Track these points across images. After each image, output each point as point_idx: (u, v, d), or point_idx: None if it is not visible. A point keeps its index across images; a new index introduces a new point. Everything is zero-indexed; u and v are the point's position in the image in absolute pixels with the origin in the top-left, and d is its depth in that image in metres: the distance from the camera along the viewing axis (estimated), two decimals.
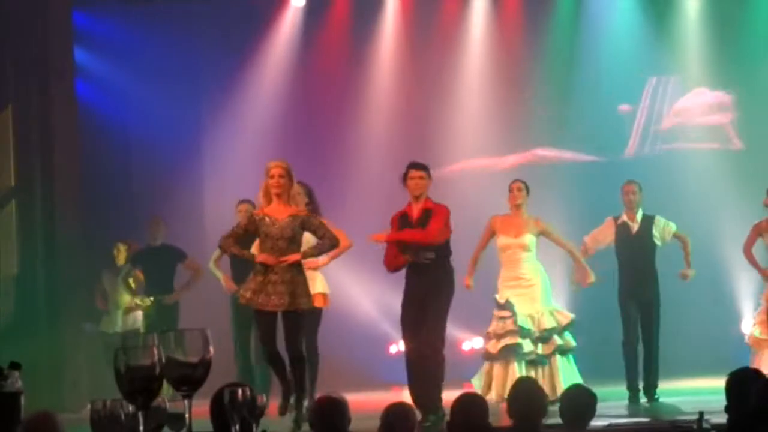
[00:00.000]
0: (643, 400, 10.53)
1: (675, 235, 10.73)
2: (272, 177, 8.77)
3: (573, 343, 10.41)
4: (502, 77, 14.68)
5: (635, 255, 10.62)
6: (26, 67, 12.72)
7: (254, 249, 9.28)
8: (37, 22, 12.77)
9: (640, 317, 10.63)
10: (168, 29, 14.27)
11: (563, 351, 10.31)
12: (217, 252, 11.09)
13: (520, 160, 14.72)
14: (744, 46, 14.03)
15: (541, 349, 10.25)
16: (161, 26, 14.22)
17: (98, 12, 14.21)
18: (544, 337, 10.24)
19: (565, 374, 10.13)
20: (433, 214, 9.10)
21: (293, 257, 8.72)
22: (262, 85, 14.85)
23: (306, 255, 8.89)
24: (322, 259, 9.99)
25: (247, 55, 14.75)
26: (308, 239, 9.03)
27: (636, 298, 10.60)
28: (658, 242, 10.71)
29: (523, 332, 10.21)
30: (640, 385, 10.59)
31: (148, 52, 14.20)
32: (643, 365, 10.61)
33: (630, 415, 9.41)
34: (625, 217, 10.76)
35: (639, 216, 10.73)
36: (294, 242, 8.82)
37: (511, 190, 10.47)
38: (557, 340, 10.27)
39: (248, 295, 8.82)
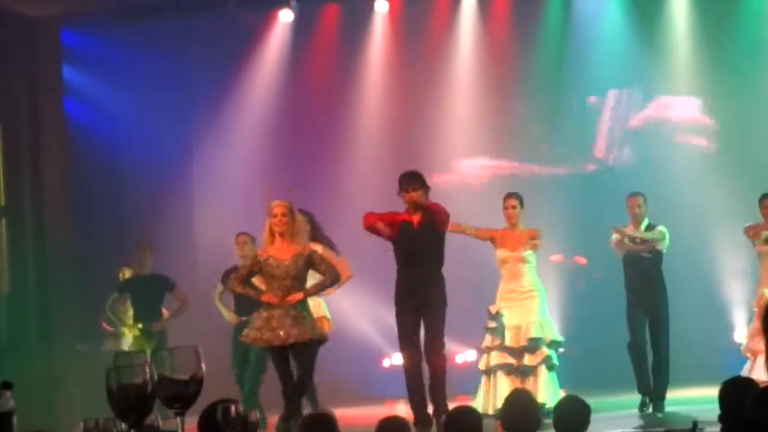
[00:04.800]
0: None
1: (657, 231, 10.75)
2: (275, 216, 8.87)
3: (556, 360, 10.36)
4: (492, 86, 14.67)
5: (640, 262, 10.65)
6: (15, 85, 12.71)
7: (256, 281, 9.31)
8: (26, 40, 12.77)
9: (648, 323, 10.63)
10: (157, 46, 14.24)
11: (549, 365, 10.26)
12: (220, 287, 11.19)
13: (511, 169, 14.72)
14: (731, 53, 14.04)
15: (527, 359, 10.21)
16: (150, 44, 14.18)
17: (87, 30, 14.16)
18: (530, 347, 10.19)
19: (548, 388, 10.05)
20: (433, 214, 9.28)
21: (296, 296, 8.82)
22: (251, 100, 14.83)
23: (309, 293, 9.00)
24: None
25: (236, 71, 14.73)
26: (313, 273, 9.11)
27: (642, 305, 10.60)
28: (661, 248, 10.72)
29: (509, 350, 10.21)
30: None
31: (136, 70, 14.17)
32: (652, 373, 10.59)
33: (623, 425, 9.38)
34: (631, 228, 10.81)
35: (643, 227, 10.77)
36: (298, 280, 8.91)
37: (505, 208, 10.44)
38: (545, 350, 10.22)
39: (252, 334, 8.93)
